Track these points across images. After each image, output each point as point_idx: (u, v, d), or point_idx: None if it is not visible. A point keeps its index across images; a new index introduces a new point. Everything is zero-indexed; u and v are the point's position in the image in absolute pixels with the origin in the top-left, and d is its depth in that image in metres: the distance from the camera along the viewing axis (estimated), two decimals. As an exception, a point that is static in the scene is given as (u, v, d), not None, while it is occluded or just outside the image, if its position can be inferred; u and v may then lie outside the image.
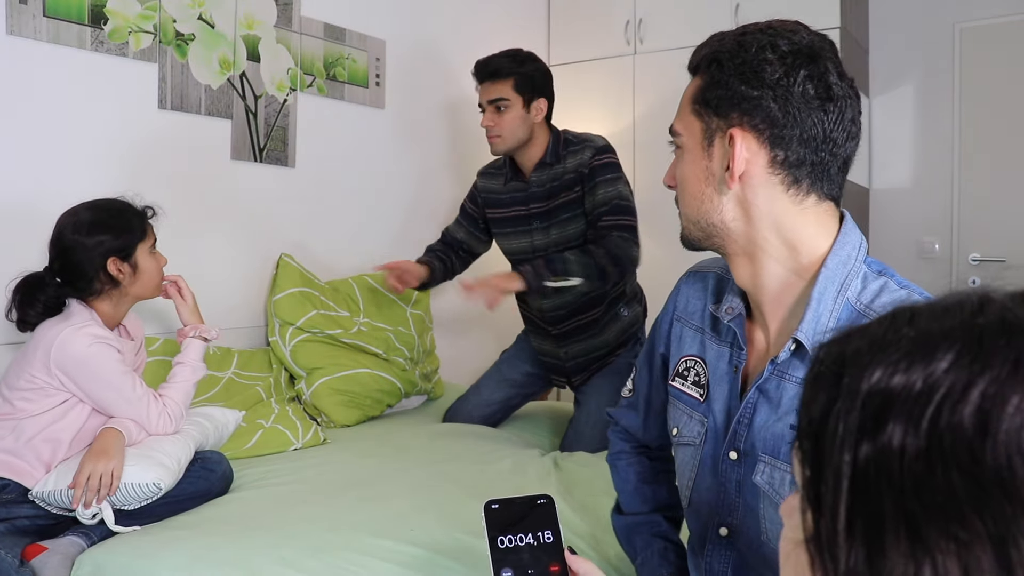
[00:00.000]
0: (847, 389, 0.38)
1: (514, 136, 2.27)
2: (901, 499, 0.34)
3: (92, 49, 2.06)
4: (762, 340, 0.98)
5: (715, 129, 0.91)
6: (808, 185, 0.90)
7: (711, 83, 0.91)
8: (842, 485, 0.37)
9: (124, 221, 1.69)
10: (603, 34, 3.56)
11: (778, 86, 0.87)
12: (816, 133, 0.87)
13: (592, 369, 2.43)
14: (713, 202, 0.93)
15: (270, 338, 2.42)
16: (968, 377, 0.35)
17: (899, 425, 0.35)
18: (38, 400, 1.59)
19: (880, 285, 0.90)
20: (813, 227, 0.91)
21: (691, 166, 0.95)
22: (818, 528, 0.38)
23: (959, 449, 0.34)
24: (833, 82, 0.88)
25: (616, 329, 2.40)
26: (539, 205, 2.32)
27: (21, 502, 1.55)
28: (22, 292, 1.64)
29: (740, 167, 0.89)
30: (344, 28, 2.75)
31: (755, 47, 0.88)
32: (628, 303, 2.42)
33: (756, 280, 0.94)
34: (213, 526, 1.54)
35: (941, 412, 0.34)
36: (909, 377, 0.36)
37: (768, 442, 0.93)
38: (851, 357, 0.39)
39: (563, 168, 2.27)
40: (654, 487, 1.23)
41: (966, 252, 3.31)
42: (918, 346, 0.37)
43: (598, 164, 2.22)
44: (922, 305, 0.40)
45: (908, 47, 3.41)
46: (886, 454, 0.35)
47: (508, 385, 2.53)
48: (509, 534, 0.88)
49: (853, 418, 0.37)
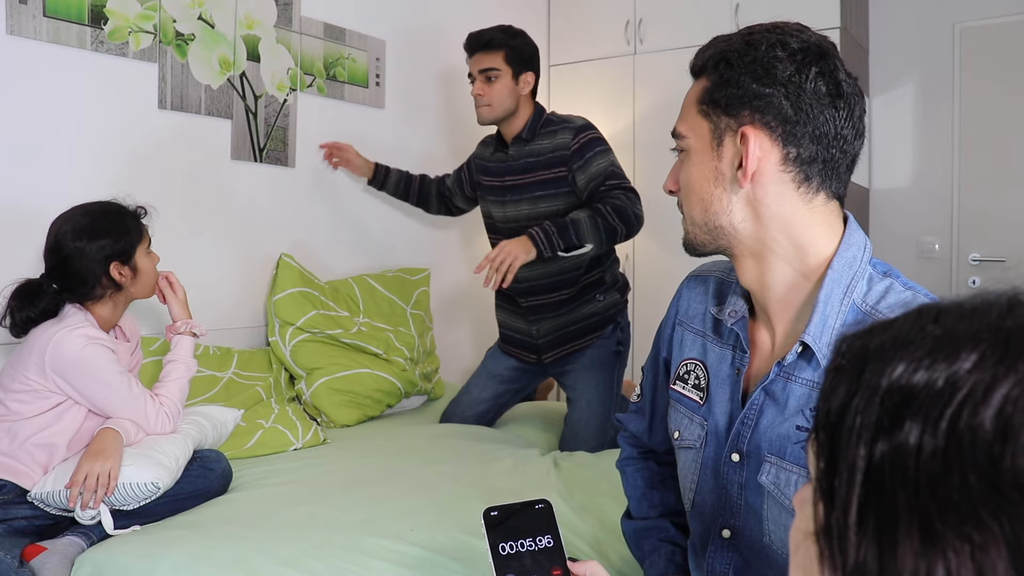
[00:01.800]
0: (867, 383, 0.38)
1: (502, 106, 2.34)
2: (915, 497, 0.34)
3: (92, 49, 2.06)
4: (765, 342, 0.98)
5: (725, 128, 0.91)
6: (818, 183, 0.90)
7: (720, 82, 0.90)
8: (856, 479, 0.36)
9: (122, 225, 1.68)
10: (603, 34, 3.56)
11: (790, 83, 0.87)
12: (828, 130, 0.88)
13: (565, 349, 2.43)
14: (722, 203, 0.92)
15: (270, 338, 2.42)
16: (992, 379, 0.34)
17: (917, 423, 0.35)
18: (32, 402, 1.58)
19: (886, 286, 0.90)
20: (821, 227, 0.91)
21: (698, 167, 0.94)
22: (828, 521, 0.38)
23: (978, 451, 0.33)
24: (843, 79, 0.88)
25: (588, 311, 2.40)
26: (514, 178, 2.38)
27: (18, 503, 1.55)
28: (18, 299, 1.62)
29: (753, 165, 0.89)
30: (344, 28, 2.75)
31: (765, 45, 0.88)
32: (606, 290, 2.42)
33: (763, 281, 0.94)
34: (213, 526, 1.54)
35: (961, 412, 0.34)
36: (931, 375, 0.36)
37: (774, 443, 0.93)
38: (874, 352, 0.39)
39: (539, 146, 2.34)
40: (661, 492, 1.24)
41: (966, 252, 3.31)
42: (942, 344, 0.37)
43: (584, 141, 2.27)
44: (949, 304, 0.40)
45: (908, 47, 3.41)
46: (902, 451, 0.35)
47: (496, 381, 2.53)
48: (510, 540, 0.88)
49: (871, 413, 0.37)
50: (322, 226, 2.72)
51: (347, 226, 2.81)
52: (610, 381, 2.41)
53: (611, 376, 2.41)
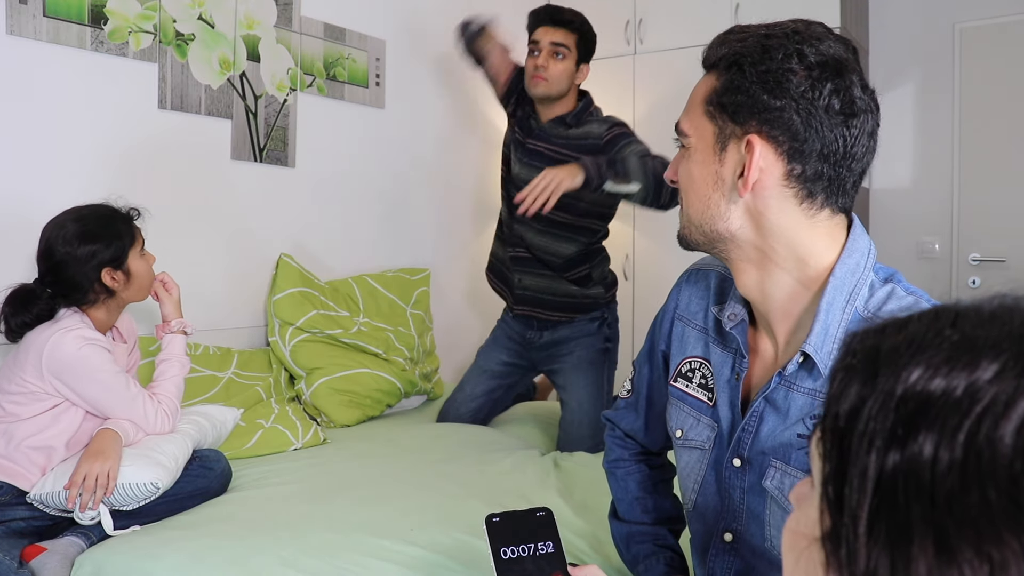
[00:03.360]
0: (880, 388, 0.36)
1: (559, 85, 2.30)
2: (931, 511, 0.33)
3: (92, 49, 2.06)
4: (767, 348, 0.96)
5: (729, 135, 0.87)
6: (823, 200, 0.87)
7: (730, 87, 0.86)
8: (867, 487, 0.35)
9: (113, 229, 1.66)
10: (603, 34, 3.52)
11: (802, 99, 0.83)
12: (836, 148, 0.84)
13: (537, 311, 2.43)
14: (719, 208, 0.90)
15: (270, 338, 2.42)
16: (1014, 391, 0.33)
17: (933, 434, 0.33)
18: (28, 404, 1.58)
19: (887, 292, 0.88)
20: (824, 239, 0.88)
21: (699, 167, 0.91)
22: (836, 527, 0.37)
23: (998, 467, 0.32)
24: (857, 96, 0.84)
25: (570, 291, 2.40)
26: (535, 143, 2.34)
27: (16, 504, 1.55)
28: (12, 304, 1.61)
29: (754, 176, 0.86)
30: (344, 28, 2.75)
31: (781, 54, 0.84)
32: (592, 285, 2.43)
33: (763, 289, 0.92)
34: (213, 526, 1.54)
35: (981, 425, 0.33)
36: (950, 382, 0.34)
37: (778, 450, 0.92)
38: (887, 353, 0.37)
39: (579, 132, 2.31)
40: (656, 498, 1.21)
41: (966, 252, 3.31)
42: (961, 351, 0.35)
43: (618, 133, 2.25)
44: (966, 307, 0.38)
45: (908, 47, 3.41)
46: (917, 463, 0.34)
47: (488, 376, 2.53)
48: (512, 545, 0.90)
49: (884, 420, 0.35)
50: (322, 226, 2.72)
51: (347, 226, 2.81)
52: (600, 380, 2.41)
53: (601, 375, 2.42)
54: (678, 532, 1.22)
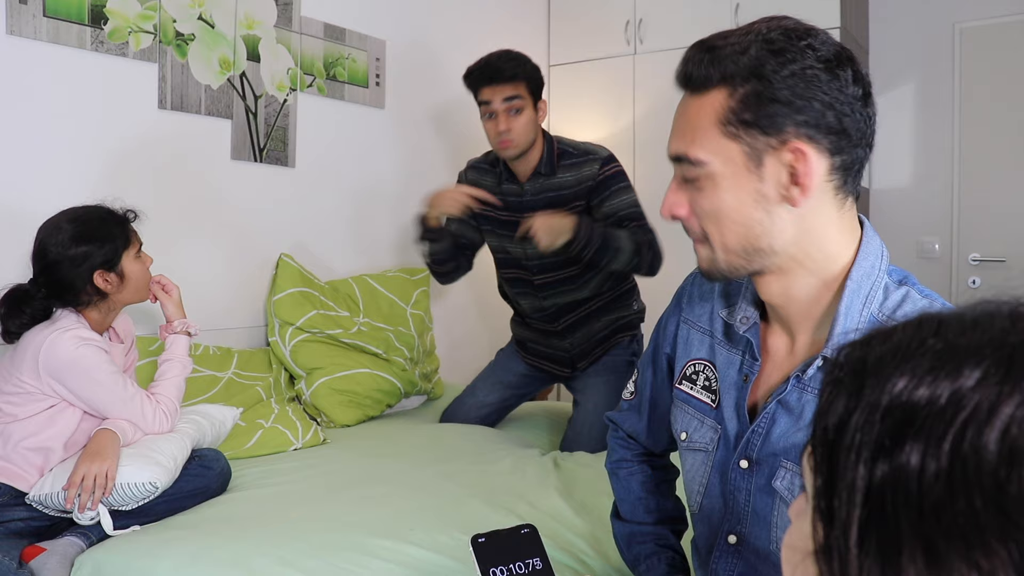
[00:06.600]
0: (866, 399, 0.36)
1: (527, 139, 2.19)
2: (919, 521, 0.33)
3: (92, 49, 2.06)
4: (779, 348, 0.96)
5: (763, 148, 0.83)
6: (849, 187, 0.87)
7: (754, 100, 0.83)
8: (856, 499, 0.35)
9: (106, 231, 1.65)
10: (603, 34, 3.55)
11: (831, 92, 0.82)
12: (864, 131, 0.85)
13: (594, 355, 2.41)
14: (764, 225, 0.86)
15: (270, 338, 2.42)
16: (996, 397, 0.33)
17: (919, 443, 0.34)
18: (25, 404, 1.58)
19: (902, 295, 0.88)
20: (846, 233, 0.89)
21: (734, 193, 0.86)
22: (828, 541, 0.37)
23: (983, 475, 0.32)
24: (866, 76, 0.85)
25: (612, 316, 2.40)
26: (532, 215, 2.21)
27: (14, 505, 1.55)
28: (7, 305, 1.61)
29: (811, 179, 0.83)
30: (344, 28, 2.75)
31: (796, 54, 0.82)
32: (624, 300, 2.43)
33: (788, 293, 0.91)
34: (212, 526, 1.54)
35: (965, 433, 0.33)
36: (934, 391, 0.34)
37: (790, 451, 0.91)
38: (873, 364, 0.38)
39: (562, 180, 2.23)
40: (658, 499, 1.21)
41: (966, 252, 3.31)
42: (944, 359, 0.35)
43: (609, 174, 2.20)
44: (949, 315, 0.38)
45: (908, 47, 3.41)
46: (903, 473, 0.34)
47: (503, 387, 2.53)
48: (500, 565, 0.90)
49: (871, 431, 0.35)
50: (322, 226, 2.72)
51: (347, 226, 2.81)
52: (620, 387, 2.40)
53: (621, 382, 2.41)
54: (680, 533, 1.22)
